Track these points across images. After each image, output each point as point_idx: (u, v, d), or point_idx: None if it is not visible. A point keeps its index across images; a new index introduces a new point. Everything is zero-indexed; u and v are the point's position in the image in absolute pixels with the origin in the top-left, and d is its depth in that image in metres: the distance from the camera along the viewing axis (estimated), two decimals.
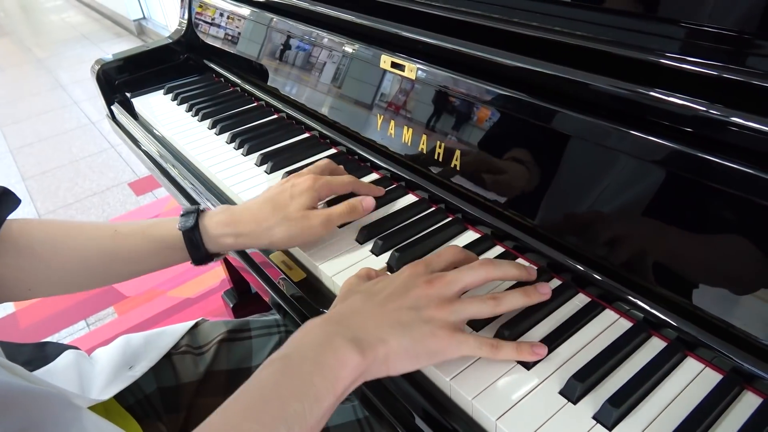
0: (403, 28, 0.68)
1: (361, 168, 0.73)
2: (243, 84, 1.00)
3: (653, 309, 0.46)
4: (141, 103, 1.01)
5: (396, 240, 0.59)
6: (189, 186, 0.80)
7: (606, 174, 0.49)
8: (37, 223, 0.60)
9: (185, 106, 0.97)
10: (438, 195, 0.64)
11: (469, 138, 0.60)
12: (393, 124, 0.69)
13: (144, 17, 3.91)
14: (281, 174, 0.74)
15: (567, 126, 0.51)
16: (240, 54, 0.99)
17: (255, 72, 0.97)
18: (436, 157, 0.64)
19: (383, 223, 0.62)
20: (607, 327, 0.47)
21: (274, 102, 0.92)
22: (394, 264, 0.56)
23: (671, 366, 0.43)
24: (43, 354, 0.61)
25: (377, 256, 0.58)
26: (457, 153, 0.61)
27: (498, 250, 0.58)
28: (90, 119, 2.90)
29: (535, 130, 0.54)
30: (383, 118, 0.71)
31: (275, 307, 0.63)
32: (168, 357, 0.67)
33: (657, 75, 0.46)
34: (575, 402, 0.41)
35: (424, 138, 0.65)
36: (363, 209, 0.59)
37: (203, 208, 0.61)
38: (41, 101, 3.22)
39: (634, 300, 0.47)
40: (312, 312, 0.56)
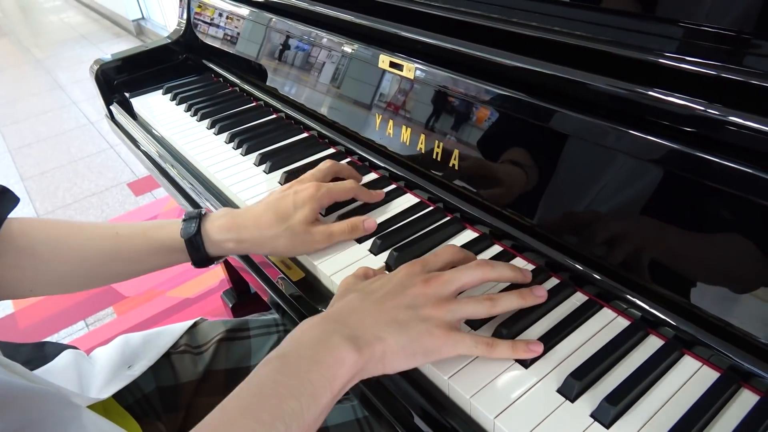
0: (402, 28, 0.68)
1: (360, 168, 0.73)
2: (242, 84, 1.00)
3: (651, 308, 0.46)
4: (140, 103, 1.01)
5: (394, 239, 0.59)
6: (188, 186, 0.80)
7: (605, 173, 0.49)
8: (38, 223, 0.60)
9: (184, 105, 0.97)
10: (436, 194, 0.64)
11: (468, 138, 0.60)
12: (392, 123, 0.69)
13: (143, 17, 3.91)
14: (280, 174, 0.74)
15: (566, 126, 0.51)
16: (239, 54, 0.99)
17: (254, 72, 0.97)
18: (434, 157, 0.64)
19: (382, 223, 0.62)
20: (605, 325, 0.48)
21: (272, 102, 0.92)
22: (392, 263, 0.56)
23: (669, 364, 0.43)
24: (42, 354, 0.62)
25: (376, 255, 0.58)
26: (456, 153, 0.62)
27: (496, 249, 0.58)
28: (89, 119, 2.90)
29: (534, 129, 0.54)
30: (382, 117, 0.71)
31: (274, 307, 0.64)
32: (167, 356, 0.68)
33: (656, 75, 0.46)
34: (573, 400, 0.42)
35: (422, 138, 0.65)
36: (364, 229, 0.60)
37: (204, 211, 0.61)
38: (40, 101, 3.21)
39: (631, 299, 0.47)
40: (310, 311, 0.56)
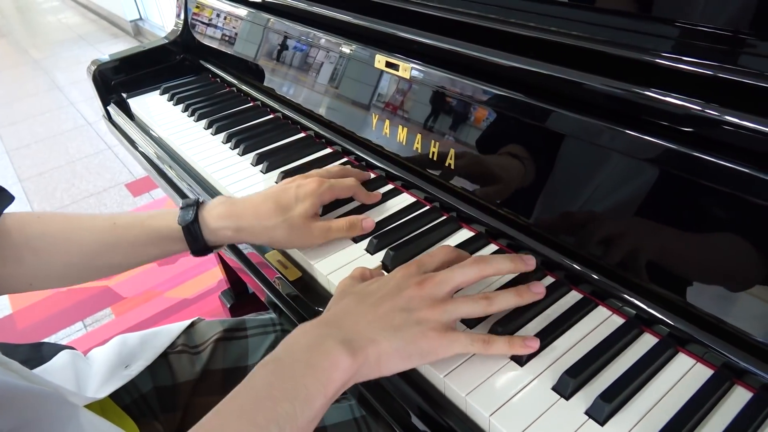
0: (399, 28, 0.68)
1: (356, 168, 0.73)
2: (239, 84, 1.00)
3: (646, 306, 0.46)
4: (137, 104, 1.01)
5: (391, 239, 0.59)
6: (186, 187, 0.80)
7: (601, 173, 0.49)
8: (35, 217, 0.60)
9: (181, 106, 0.97)
10: (433, 194, 0.64)
11: (464, 137, 0.61)
12: (388, 123, 0.69)
13: (140, 18, 3.91)
14: (277, 173, 0.74)
15: (562, 125, 0.51)
16: (236, 54, 0.99)
17: (251, 72, 0.97)
18: (431, 156, 0.64)
19: (378, 222, 0.62)
20: (600, 323, 0.48)
21: (269, 102, 0.92)
22: (388, 263, 0.56)
23: (663, 362, 0.44)
24: (39, 354, 0.62)
25: (372, 254, 0.59)
26: (452, 152, 0.62)
27: (492, 248, 0.58)
28: (87, 120, 2.90)
29: (531, 129, 0.54)
30: (378, 117, 0.71)
31: (271, 307, 0.64)
32: (164, 356, 0.68)
33: (652, 74, 0.46)
34: (568, 398, 0.42)
35: (419, 137, 0.66)
36: (362, 228, 0.60)
37: (202, 199, 0.61)
38: (38, 102, 3.21)
39: (626, 297, 0.48)
40: (307, 310, 0.57)
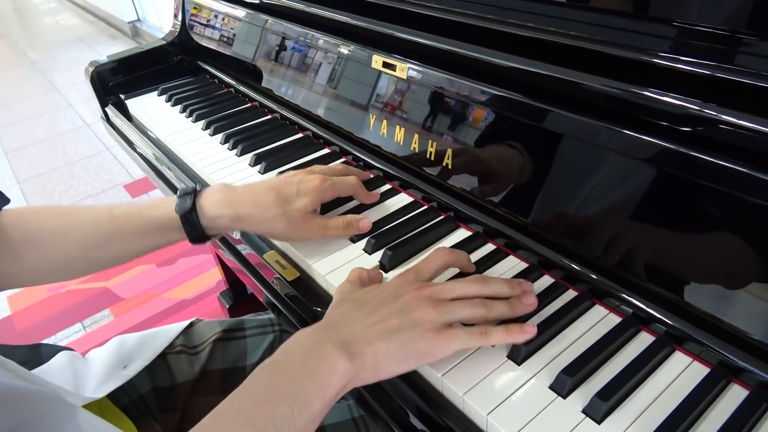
0: (396, 28, 0.68)
1: (355, 167, 0.73)
2: (237, 85, 1.00)
3: (643, 305, 0.47)
4: (135, 105, 1.01)
5: (388, 238, 0.60)
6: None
7: (599, 173, 0.49)
8: (33, 212, 0.60)
9: (179, 107, 0.97)
10: (430, 193, 0.64)
11: (462, 137, 0.61)
12: (385, 123, 0.70)
13: (138, 19, 3.91)
14: (275, 174, 0.74)
15: (560, 125, 0.51)
16: (234, 55, 0.99)
17: (249, 73, 0.97)
18: (428, 156, 0.64)
19: (376, 222, 0.62)
20: (597, 322, 0.48)
21: (267, 102, 0.92)
22: (386, 262, 0.56)
23: (660, 360, 0.44)
24: (38, 355, 0.62)
25: (370, 254, 0.59)
26: (449, 152, 0.62)
27: (490, 247, 0.58)
28: (85, 121, 2.90)
29: (528, 129, 0.55)
30: (376, 117, 0.71)
31: (270, 307, 0.64)
32: (163, 357, 0.68)
33: (650, 74, 0.46)
34: (565, 396, 0.42)
35: (416, 137, 0.66)
36: (359, 228, 0.61)
37: (200, 187, 0.60)
38: (36, 104, 3.21)
39: (624, 296, 0.48)
40: (305, 310, 0.57)
